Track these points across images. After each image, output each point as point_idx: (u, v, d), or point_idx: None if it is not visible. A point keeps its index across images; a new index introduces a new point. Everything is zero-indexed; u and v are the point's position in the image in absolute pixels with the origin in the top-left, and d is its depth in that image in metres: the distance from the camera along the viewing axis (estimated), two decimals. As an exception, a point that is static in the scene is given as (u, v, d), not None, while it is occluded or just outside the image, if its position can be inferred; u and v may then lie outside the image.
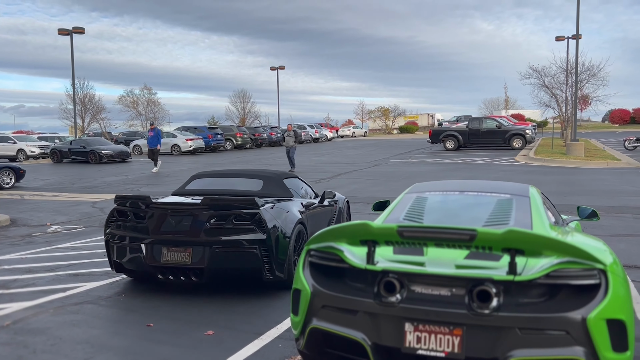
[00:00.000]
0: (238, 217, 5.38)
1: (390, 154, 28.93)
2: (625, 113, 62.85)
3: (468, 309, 2.82)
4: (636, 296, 5.43)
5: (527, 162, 21.68)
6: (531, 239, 2.93)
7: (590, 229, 8.91)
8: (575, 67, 25.91)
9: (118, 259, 5.74)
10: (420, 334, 2.89)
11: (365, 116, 74.58)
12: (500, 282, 2.82)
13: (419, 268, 3.03)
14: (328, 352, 3.23)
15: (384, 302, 2.96)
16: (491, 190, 4.49)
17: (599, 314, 2.74)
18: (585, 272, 2.84)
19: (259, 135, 39.10)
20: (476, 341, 2.80)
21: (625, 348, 2.81)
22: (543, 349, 2.72)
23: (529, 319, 2.74)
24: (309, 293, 3.20)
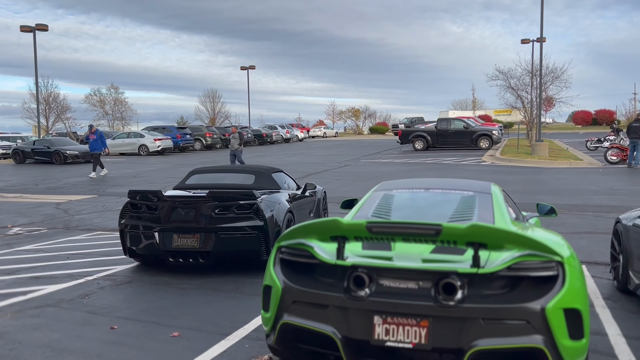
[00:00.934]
0: (239, 207, 6.21)
1: (361, 154, 29.09)
2: (588, 114, 64.76)
3: (434, 301, 2.91)
4: (595, 291, 5.59)
5: (493, 162, 22.11)
6: (493, 233, 3.08)
7: (554, 226, 9.13)
8: (540, 70, 26.57)
9: (132, 246, 6.45)
10: (389, 326, 2.97)
11: (336, 117, 74.82)
12: (464, 275, 2.93)
13: (387, 262, 3.10)
14: (299, 347, 3.29)
15: (353, 296, 3.03)
16: (455, 188, 4.67)
17: (557, 304, 2.87)
18: (544, 264, 2.97)
19: (228, 135, 38.69)
20: (442, 332, 2.90)
21: (581, 336, 2.95)
22: (505, 338, 2.84)
23: (492, 310, 2.86)
24: (279, 289, 3.26)
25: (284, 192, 7.35)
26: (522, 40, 36.05)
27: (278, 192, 7.20)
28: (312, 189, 8.36)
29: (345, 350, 3.04)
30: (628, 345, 4.12)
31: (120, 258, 7.23)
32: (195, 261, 6.19)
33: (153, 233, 6.23)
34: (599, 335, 4.36)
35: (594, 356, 3.94)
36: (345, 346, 3.04)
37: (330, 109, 77.13)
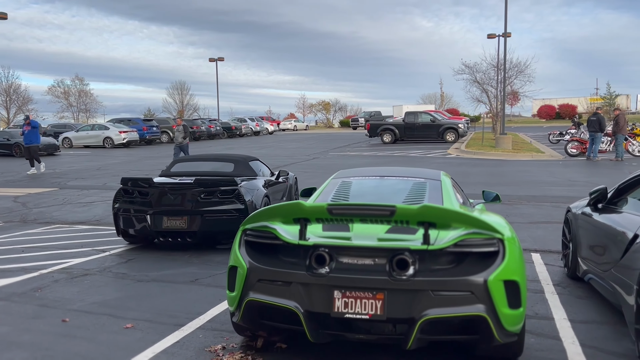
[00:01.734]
0: (222, 193, 6.92)
1: (330, 147, 29.15)
2: (551, 109, 66.41)
3: (389, 275, 3.19)
4: (547, 278, 5.76)
5: (458, 154, 22.48)
6: (442, 213, 3.41)
7: (512, 216, 9.37)
8: (504, 64, 27.07)
9: (125, 227, 7.09)
10: (348, 300, 3.23)
11: (306, 110, 74.73)
12: (416, 252, 3.22)
13: (346, 242, 3.38)
14: (263, 323, 3.54)
15: (315, 273, 3.27)
16: (408, 175, 5.09)
17: (498, 276, 3.19)
18: (487, 241, 3.29)
19: (197, 127, 38.27)
20: (396, 303, 3.18)
21: (519, 305, 3.28)
22: (452, 308, 3.15)
23: (440, 282, 3.17)
24: (245, 269, 3.47)
25: (260, 179, 8.11)
26: (489, 35, 36.62)
27: (255, 179, 7.94)
28: (285, 176, 9.06)
29: (308, 323, 3.27)
30: (572, 329, 4.26)
31: (77, 251, 7.09)
32: (183, 240, 6.94)
33: (145, 216, 6.90)
34: (546, 319, 4.50)
35: (539, 339, 4.08)
36: (307, 319, 3.27)
37: (300, 102, 77.02)
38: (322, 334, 3.36)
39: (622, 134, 18.67)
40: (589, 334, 4.18)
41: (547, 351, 3.86)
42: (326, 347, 3.91)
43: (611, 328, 4.29)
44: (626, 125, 19.28)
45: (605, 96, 56.51)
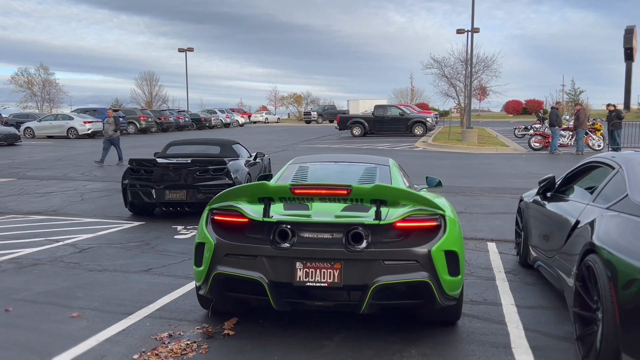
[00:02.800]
0: (214, 170, 8.37)
1: (299, 139, 29.10)
2: (518, 104, 67.78)
3: (345, 247, 3.53)
4: (499, 266, 5.87)
5: (425, 147, 22.72)
6: (392, 192, 3.80)
7: (472, 207, 9.54)
8: (470, 59, 27.44)
9: (132, 200, 8.50)
10: (308, 270, 3.53)
11: (278, 103, 74.36)
12: (369, 226, 3.57)
13: (307, 218, 3.71)
14: (229, 295, 3.81)
15: (278, 247, 3.56)
16: (359, 161, 5.66)
17: (439, 247, 3.59)
18: (430, 216, 3.69)
19: (165, 118, 37.73)
20: (351, 272, 3.51)
21: (457, 273, 3.69)
22: (400, 275, 3.52)
23: (390, 253, 3.54)
24: (212, 245, 3.71)
25: (242, 159, 9.60)
26: (458, 30, 36.99)
27: (238, 159, 9.41)
28: (261, 157, 10.75)
29: (272, 292, 3.55)
30: (518, 314, 4.36)
31: (29, 241, 6.90)
32: (182, 209, 8.30)
33: (150, 190, 8.30)
34: (494, 305, 4.59)
35: (485, 324, 4.16)
36: (271, 289, 3.55)
37: (272, 94, 76.57)
38: (284, 302, 3.63)
39: (582, 129, 19.16)
40: (534, 318, 4.28)
41: (491, 335, 3.94)
42: (273, 335, 3.90)
43: (555, 312, 4.40)
44: (587, 120, 19.80)
45: (569, 92, 57.91)
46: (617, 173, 3.85)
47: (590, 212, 3.81)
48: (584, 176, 4.61)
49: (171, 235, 7.30)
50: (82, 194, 11.12)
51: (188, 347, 3.61)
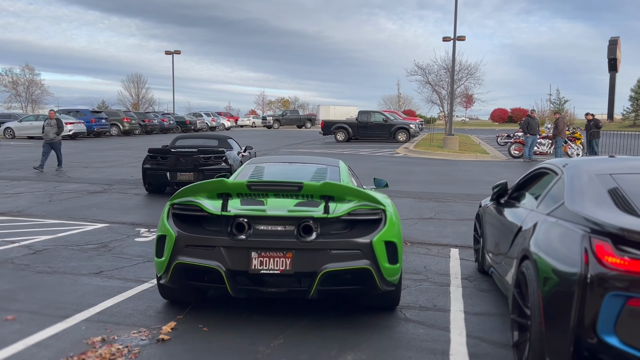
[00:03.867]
0: (215, 157, 10.78)
1: (283, 144, 29.02)
2: (504, 112, 68.31)
3: (296, 238, 3.85)
4: (457, 272, 5.83)
5: (406, 154, 22.75)
6: (339, 189, 4.20)
7: (442, 214, 9.52)
8: (452, 66, 27.57)
9: (150, 180, 11.01)
10: (263, 259, 3.83)
11: (265, 107, 74.23)
12: (318, 219, 3.91)
13: (262, 212, 3.97)
14: (189, 283, 4.06)
15: (235, 238, 3.83)
16: (312, 162, 6.19)
17: (380, 238, 3.95)
18: (373, 211, 4.06)
19: (149, 121, 37.45)
20: (302, 260, 3.82)
21: (396, 261, 4.07)
22: (345, 262, 3.86)
23: (337, 243, 3.88)
24: (174, 237, 3.95)
25: (235, 150, 12.07)
26: (444, 37, 37.22)
27: (232, 150, 11.81)
28: (250, 149, 13.22)
29: (229, 280, 3.83)
30: (464, 321, 4.32)
31: (-17, 242, 6.74)
32: None
33: (165, 172, 10.73)
34: (442, 311, 4.54)
35: (429, 330, 4.11)
36: (228, 277, 3.83)
37: (260, 98, 76.44)
38: (240, 289, 3.92)
39: (561, 137, 19.30)
40: (479, 325, 4.24)
41: (432, 341, 3.89)
42: (209, 341, 3.82)
43: (502, 320, 4.36)
44: (566, 128, 19.94)
45: (554, 101, 58.48)
46: (559, 179, 3.82)
47: (532, 218, 3.78)
48: (534, 182, 4.59)
49: (132, 238, 7.18)
50: (50, 195, 10.94)
51: (118, 352, 3.51)
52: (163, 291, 4.45)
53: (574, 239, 2.84)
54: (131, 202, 10.30)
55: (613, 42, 54.12)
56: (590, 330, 2.58)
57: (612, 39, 54.59)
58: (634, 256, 2.56)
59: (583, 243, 2.74)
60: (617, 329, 2.53)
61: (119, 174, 14.63)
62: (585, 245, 2.71)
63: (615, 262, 2.58)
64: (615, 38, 54.57)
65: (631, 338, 2.51)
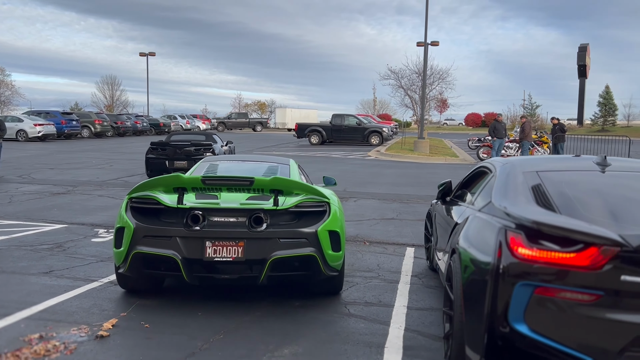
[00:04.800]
0: (204, 149, 13.18)
1: (257, 146, 28.98)
2: (478, 117, 69.34)
3: (248, 229, 4.16)
4: (409, 270, 5.94)
5: (377, 157, 22.94)
6: (287, 183, 4.57)
7: (404, 214, 9.66)
8: (424, 71, 27.93)
9: (151, 168, 13.14)
10: (216, 248, 4.12)
11: (242, 110, 73.94)
12: (268, 211, 4.26)
13: (216, 205, 4.26)
14: (146, 272, 4.32)
15: (191, 229, 4.11)
16: (264, 160, 6.75)
17: (324, 227, 4.34)
18: (318, 203, 4.46)
19: (121, 123, 37.00)
20: (252, 249, 4.14)
21: (339, 249, 4.47)
22: (293, 250, 4.21)
23: (285, 232, 4.23)
24: (132, 228, 4.20)
25: (219, 144, 14.60)
26: (418, 43, 37.69)
27: (217, 144, 14.30)
28: (231, 144, 15.65)
29: (184, 267, 4.10)
30: (406, 315, 4.42)
31: None
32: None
33: (165, 161, 13.08)
34: (386, 307, 4.64)
35: (369, 324, 4.20)
36: (184, 265, 4.10)
37: (236, 101, 76.13)
38: (195, 276, 4.19)
39: (527, 141, 19.70)
40: (419, 319, 4.34)
41: (370, 335, 3.98)
42: (147, 338, 3.85)
43: (442, 314, 4.47)
44: (532, 132, 20.37)
45: (526, 106, 59.61)
46: (492, 177, 3.96)
47: (466, 215, 3.89)
48: (475, 180, 4.73)
49: (89, 239, 7.13)
50: (11, 197, 10.77)
51: (54, 349, 3.52)
52: (121, 280, 4.66)
53: (492, 232, 2.95)
54: (94, 203, 10.20)
55: (582, 49, 55.41)
56: (503, 319, 2.69)
57: (581, 46, 55.89)
58: (543, 247, 2.67)
59: (499, 235, 2.86)
60: (526, 317, 2.64)
61: (85, 176, 14.46)
62: (501, 238, 2.83)
63: (526, 253, 2.69)
64: (584, 45, 55.89)
65: (538, 325, 2.61)
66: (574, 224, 2.72)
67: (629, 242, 2.51)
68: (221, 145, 14.58)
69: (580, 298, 2.56)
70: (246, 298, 4.73)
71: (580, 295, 2.55)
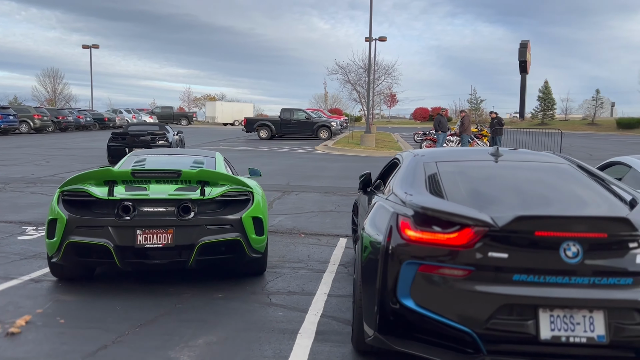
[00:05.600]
0: (159, 138, 15.34)
1: (204, 141, 28.64)
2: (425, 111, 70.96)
3: (177, 217, 4.48)
4: (337, 259, 6.11)
5: (324, 151, 23.18)
6: (213, 175, 4.93)
7: (343, 206, 9.85)
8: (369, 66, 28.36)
9: (113, 155, 14.24)
10: (147, 235, 4.42)
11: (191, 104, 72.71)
12: (195, 200, 4.59)
13: (145, 196, 4.55)
14: (80, 260, 4.56)
15: (122, 219, 4.39)
16: (190, 154, 7.07)
17: (248, 214, 4.75)
18: (242, 193, 4.85)
19: (63, 117, 35.71)
20: (181, 235, 4.47)
21: (262, 233, 4.87)
22: (219, 235, 4.58)
23: (212, 220, 4.59)
24: (65, 220, 4.42)
25: (171, 133, 16.44)
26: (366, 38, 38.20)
27: (169, 133, 16.15)
28: (181, 133, 18.07)
29: (117, 254, 4.37)
30: (325, 302, 4.58)
31: None
32: None
33: (125, 148, 14.07)
34: (307, 295, 4.79)
35: (288, 312, 4.34)
36: (116, 252, 4.37)
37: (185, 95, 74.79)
38: (127, 263, 4.46)
39: (466, 134, 20.40)
40: (337, 306, 4.51)
41: (286, 322, 4.11)
42: (59, 334, 3.84)
43: (359, 300, 4.65)
44: (471, 126, 21.09)
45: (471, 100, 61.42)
46: (400, 167, 4.16)
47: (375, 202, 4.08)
48: (390, 171, 4.93)
49: (16, 237, 6.95)
50: None
51: (-41, 346, 3.46)
52: (54, 270, 4.89)
53: (387, 217, 3.21)
54: (25, 200, 9.88)
55: (523, 45, 57.54)
56: (392, 295, 2.93)
57: (522, 42, 58.03)
58: (428, 230, 2.94)
59: (391, 220, 3.12)
60: (412, 293, 2.89)
61: (19, 173, 13.95)
62: (392, 222, 3.09)
63: (413, 235, 2.96)
64: (525, 41, 58.04)
65: (423, 300, 2.87)
66: (454, 208, 2.99)
67: (496, 222, 2.79)
68: (173, 134, 16.51)
69: (456, 274, 2.83)
70: (169, 291, 4.77)
71: (456, 271, 2.83)
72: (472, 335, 2.76)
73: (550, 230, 2.72)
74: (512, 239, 2.78)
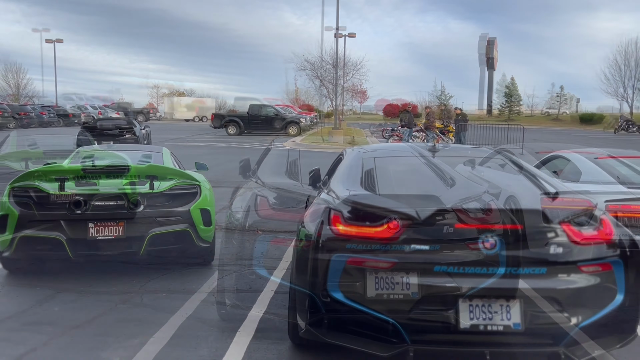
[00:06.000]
0: (127, 131, 16.95)
1: (171, 137, 28.21)
2: (395, 107, 71.45)
3: (127, 210, 4.72)
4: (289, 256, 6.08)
5: (292, 147, 23.10)
6: (161, 170, 5.26)
7: (302, 203, 9.84)
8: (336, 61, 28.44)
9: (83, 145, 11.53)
10: (99, 228, 4.64)
11: (160, 99, 71.66)
12: (145, 194, 4.83)
13: (96, 191, 4.75)
14: (33, 254, 4.74)
15: (74, 213, 4.57)
16: (138, 149, 7.64)
17: (196, 206, 5.03)
18: (190, 186, 5.12)
19: (25, 114, 34.77)
20: (132, 227, 4.73)
21: (210, 224, 5.14)
22: (168, 226, 4.86)
23: (161, 212, 4.87)
24: (16, 215, 4.59)
25: (139, 127, 17.70)
26: (335, 34, 38.26)
27: (137, 127, 17.47)
28: (147, 128, 19.15)
29: (70, 247, 4.57)
30: (270, 299, 4.54)
31: None
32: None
33: (93, 142, 12.94)
34: (255, 292, 4.74)
35: (232, 310, 4.33)
36: (69, 244, 4.57)
37: (154, 91, 73.71)
38: (80, 254, 4.66)
39: (431, 130, 20.64)
40: (282, 303, 4.46)
41: (228, 320, 4.08)
42: None
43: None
44: (436, 121, 21.36)
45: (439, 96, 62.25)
46: (342, 163, 4.17)
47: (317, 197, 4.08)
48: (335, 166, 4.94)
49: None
50: None
51: None
52: (6, 264, 5.00)
53: (320, 211, 3.20)
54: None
55: (490, 43, 58.60)
56: (322, 288, 2.95)
57: (489, 40, 59.10)
58: (356, 223, 2.98)
59: (323, 214, 3.14)
60: (341, 286, 2.92)
61: (-28, 171, 13.50)
62: (324, 216, 3.11)
63: (342, 229, 3.00)
64: (492, 38, 59.11)
65: (350, 292, 2.91)
66: (381, 202, 3.01)
67: (420, 215, 2.82)
68: (140, 129, 17.51)
69: (381, 265, 2.88)
70: (112, 290, 4.68)
71: (381, 263, 2.87)
72: (396, 325, 2.83)
73: (469, 223, 2.79)
74: (433, 232, 2.84)
